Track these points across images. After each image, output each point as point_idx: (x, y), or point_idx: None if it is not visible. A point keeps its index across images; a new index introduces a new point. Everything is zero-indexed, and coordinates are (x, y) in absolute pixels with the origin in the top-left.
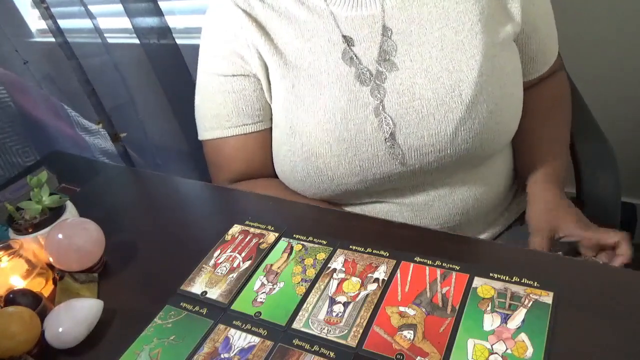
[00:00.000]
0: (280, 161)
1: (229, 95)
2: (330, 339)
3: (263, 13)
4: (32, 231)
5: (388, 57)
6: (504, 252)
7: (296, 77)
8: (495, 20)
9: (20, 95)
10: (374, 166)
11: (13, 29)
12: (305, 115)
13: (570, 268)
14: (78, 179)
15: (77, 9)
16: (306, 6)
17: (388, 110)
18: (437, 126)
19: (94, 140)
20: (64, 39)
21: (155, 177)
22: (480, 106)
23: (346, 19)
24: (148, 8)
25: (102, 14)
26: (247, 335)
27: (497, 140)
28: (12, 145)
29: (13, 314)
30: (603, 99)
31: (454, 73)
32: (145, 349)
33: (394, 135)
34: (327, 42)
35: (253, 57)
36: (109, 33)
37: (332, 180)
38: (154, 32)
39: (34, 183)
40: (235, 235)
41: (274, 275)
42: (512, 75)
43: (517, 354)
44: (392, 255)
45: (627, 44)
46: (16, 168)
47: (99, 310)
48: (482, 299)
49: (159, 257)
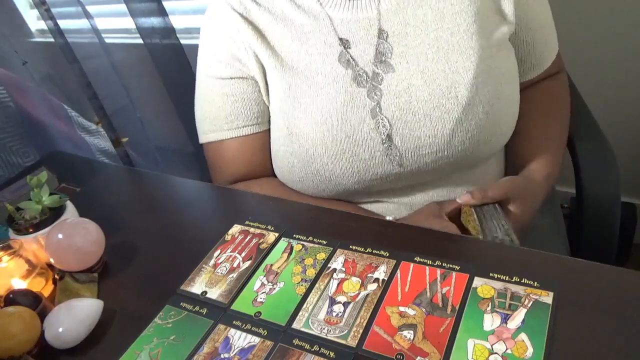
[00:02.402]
0: (278, 162)
1: (228, 97)
2: (330, 339)
3: (259, 16)
4: (32, 231)
5: (384, 59)
6: (504, 252)
7: (293, 79)
8: (490, 21)
9: (20, 95)
10: (371, 167)
11: (13, 29)
12: (302, 117)
13: (570, 268)
14: (78, 179)
15: (78, 9)
16: (302, 9)
17: (385, 111)
18: (433, 127)
19: (94, 140)
20: (64, 40)
21: (155, 177)
22: (477, 107)
23: (342, 21)
24: (152, 8)
25: (106, 14)
26: (247, 335)
27: (493, 141)
28: (12, 145)
29: (13, 314)
30: (603, 99)
31: (450, 74)
32: (145, 349)
33: (391, 136)
34: (324, 44)
35: (250, 59)
36: (112, 33)
37: (330, 180)
38: (157, 32)
39: (34, 183)
40: (235, 235)
41: (274, 275)
42: (508, 75)
43: (517, 354)
44: (392, 255)
45: (627, 44)
46: (16, 168)
47: (99, 310)
48: (482, 299)
49: (158, 257)
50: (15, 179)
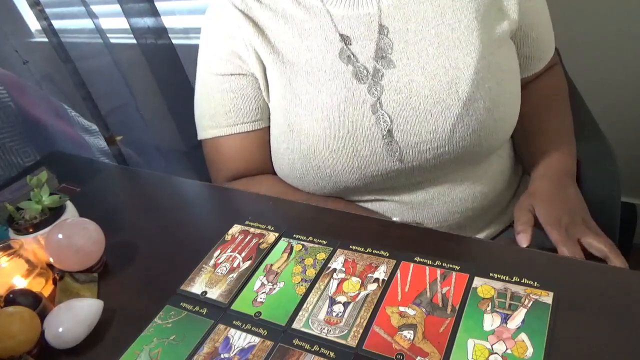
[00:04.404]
0: (278, 159)
1: (227, 94)
2: (330, 339)
3: (260, 13)
4: (32, 231)
5: (385, 55)
6: (504, 252)
7: (293, 75)
8: (492, 17)
9: (20, 95)
10: (371, 163)
11: (13, 29)
12: (302, 113)
13: (570, 268)
14: (78, 179)
15: (74, 9)
16: (303, 5)
17: (385, 107)
18: (434, 123)
19: (94, 140)
20: (58, 40)
21: (155, 177)
22: (477, 103)
23: (342, 17)
24: (145, 8)
25: (99, 14)
26: (247, 335)
27: (495, 137)
28: (12, 145)
29: (13, 314)
30: (603, 99)
31: (451, 70)
32: (145, 349)
33: (392, 132)
34: (324, 40)
35: (250, 56)
36: (106, 33)
37: (330, 177)
38: (150, 32)
39: (34, 183)
40: (235, 235)
41: (274, 275)
42: (508, 72)
43: (517, 354)
44: (392, 255)
45: (627, 44)
46: (16, 168)
47: (99, 310)
48: (482, 299)
49: (159, 257)
50: (15, 179)
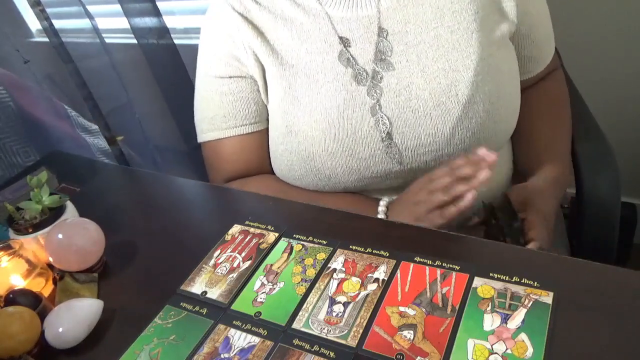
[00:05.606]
0: (277, 161)
1: (226, 96)
2: (330, 339)
3: (259, 15)
4: (32, 231)
5: (384, 57)
6: (504, 252)
7: (293, 77)
8: (491, 19)
9: (20, 95)
10: (371, 165)
11: (13, 28)
12: (301, 115)
13: (570, 268)
14: (78, 179)
15: (75, 9)
16: (302, 8)
17: (385, 109)
18: (434, 126)
19: (94, 140)
20: (59, 41)
21: (155, 177)
22: (477, 105)
23: (342, 20)
24: (146, 8)
25: (100, 14)
26: (247, 335)
27: (494, 139)
28: (12, 145)
29: (13, 314)
30: (603, 100)
31: (450, 73)
32: (145, 349)
33: (391, 134)
34: (324, 43)
35: (249, 58)
36: (107, 33)
37: (330, 178)
38: (152, 32)
39: (34, 183)
40: (235, 235)
41: (274, 275)
42: (508, 74)
43: (517, 354)
44: (392, 255)
45: (627, 44)
46: (16, 168)
47: (99, 310)
48: (482, 299)
49: (158, 257)
50: (15, 179)
